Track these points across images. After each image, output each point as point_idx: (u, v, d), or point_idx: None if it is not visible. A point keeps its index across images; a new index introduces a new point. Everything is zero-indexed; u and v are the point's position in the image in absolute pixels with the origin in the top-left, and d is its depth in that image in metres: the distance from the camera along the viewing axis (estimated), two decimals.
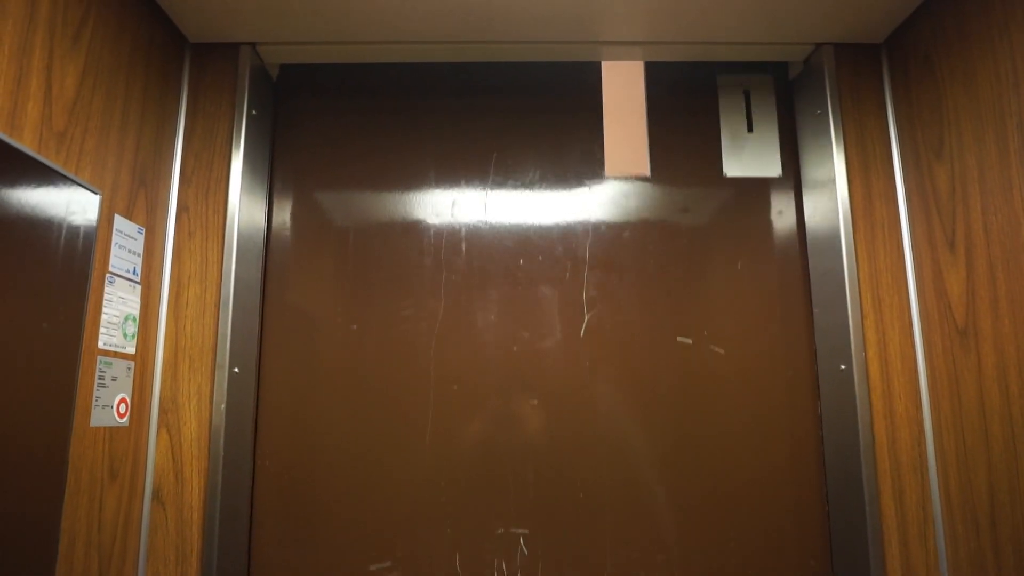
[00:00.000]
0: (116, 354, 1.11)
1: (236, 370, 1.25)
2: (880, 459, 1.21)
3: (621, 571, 1.27)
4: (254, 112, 1.35)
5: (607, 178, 1.42)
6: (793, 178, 1.43)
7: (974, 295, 1.12)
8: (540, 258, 1.38)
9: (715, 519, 1.29)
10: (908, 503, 1.20)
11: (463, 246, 1.39)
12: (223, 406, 1.21)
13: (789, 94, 1.47)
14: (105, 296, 1.09)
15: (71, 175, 1.00)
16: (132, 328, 1.16)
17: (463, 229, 1.40)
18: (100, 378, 1.07)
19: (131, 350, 1.16)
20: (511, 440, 1.31)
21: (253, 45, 1.36)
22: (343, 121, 1.45)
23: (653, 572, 1.27)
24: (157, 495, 1.18)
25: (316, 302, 1.37)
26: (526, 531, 1.26)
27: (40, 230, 0.93)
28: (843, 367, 1.25)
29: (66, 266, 0.98)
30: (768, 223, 1.41)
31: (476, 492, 1.29)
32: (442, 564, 1.27)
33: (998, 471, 1.07)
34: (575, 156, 1.43)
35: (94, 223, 1.05)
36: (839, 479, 1.26)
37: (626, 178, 1.42)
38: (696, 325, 1.36)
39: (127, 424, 1.14)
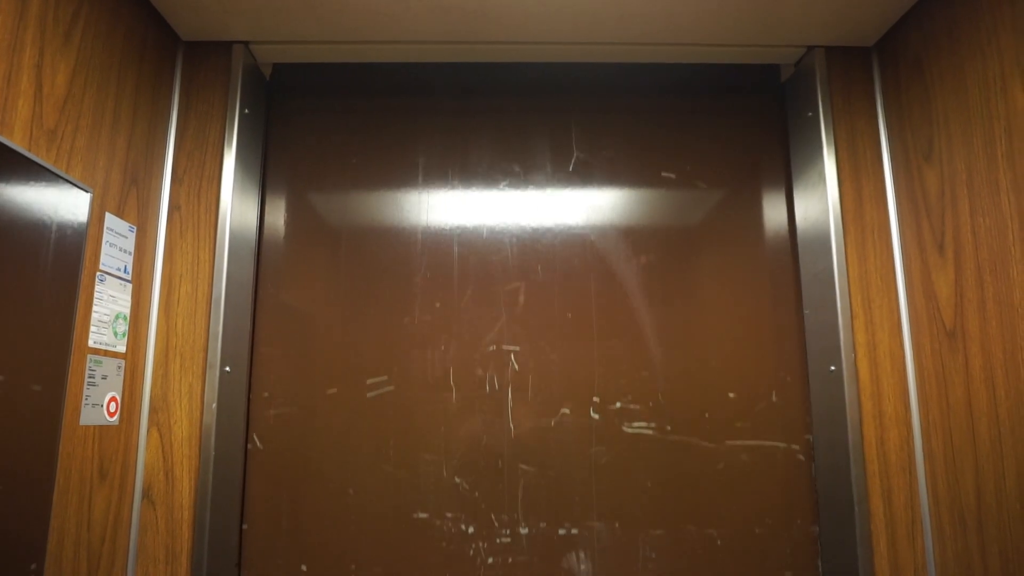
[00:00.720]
0: (106, 352, 1.11)
1: (227, 369, 1.24)
2: (869, 459, 1.21)
3: (607, 384, 1.33)
4: (247, 111, 1.35)
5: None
6: (784, 180, 1.44)
7: (962, 297, 1.12)
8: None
9: (698, 372, 1.30)
10: (896, 503, 1.21)
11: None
12: (214, 405, 1.21)
13: (781, 96, 1.48)
14: (96, 294, 1.08)
15: (61, 173, 1.00)
16: (123, 327, 1.16)
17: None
18: (90, 377, 1.07)
19: (121, 348, 1.15)
20: (502, 265, 1.38)
21: (246, 44, 1.36)
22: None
23: (637, 386, 1.34)
24: (147, 494, 1.18)
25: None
26: (517, 348, 1.33)
27: (30, 228, 0.92)
28: (833, 368, 1.26)
29: (56, 264, 0.98)
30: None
31: (469, 314, 1.36)
32: (436, 378, 1.33)
33: (985, 471, 1.07)
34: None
35: (85, 221, 1.05)
36: (828, 479, 1.27)
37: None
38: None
39: (117, 423, 1.14)
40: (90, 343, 1.07)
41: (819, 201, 1.32)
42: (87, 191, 1.06)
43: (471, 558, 1.27)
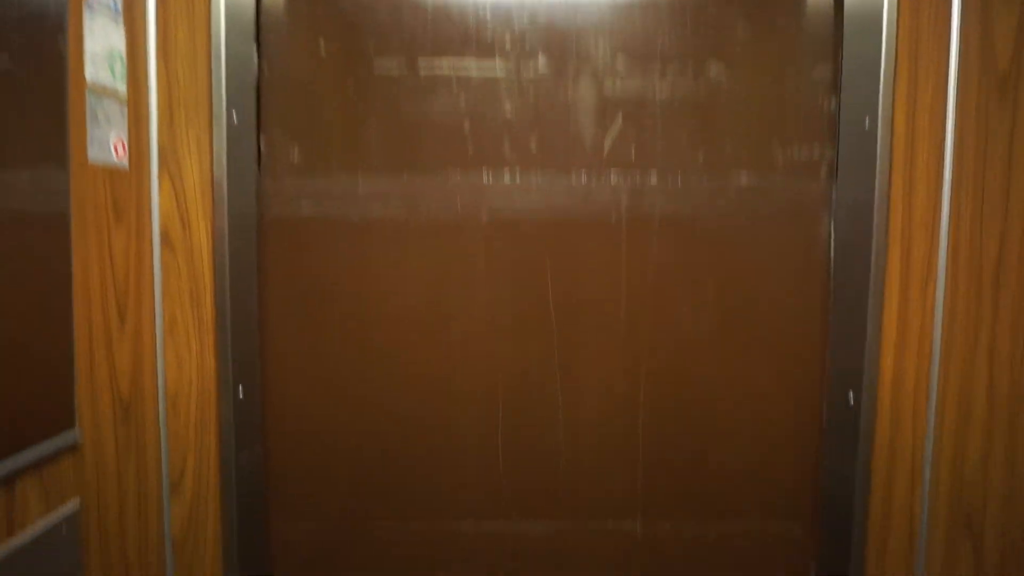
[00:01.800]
0: (105, 91, 1.07)
1: (235, 120, 1.20)
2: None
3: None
4: None
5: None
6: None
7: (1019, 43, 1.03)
8: None
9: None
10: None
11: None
12: (224, 158, 1.18)
13: None
14: (85, 25, 1.02)
15: None
16: (120, 68, 1.10)
17: None
18: (92, 114, 1.04)
19: (122, 89, 1.11)
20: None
21: None
22: None
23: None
24: (166, 238, 1.19)
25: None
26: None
27: None
28: (868, 122, 1.19)
29: None
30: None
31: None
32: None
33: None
34: None
35: None
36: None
37: None
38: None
39: (127, 167, 1.12)
40: (87, 77, 1.02)
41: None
42: None
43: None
